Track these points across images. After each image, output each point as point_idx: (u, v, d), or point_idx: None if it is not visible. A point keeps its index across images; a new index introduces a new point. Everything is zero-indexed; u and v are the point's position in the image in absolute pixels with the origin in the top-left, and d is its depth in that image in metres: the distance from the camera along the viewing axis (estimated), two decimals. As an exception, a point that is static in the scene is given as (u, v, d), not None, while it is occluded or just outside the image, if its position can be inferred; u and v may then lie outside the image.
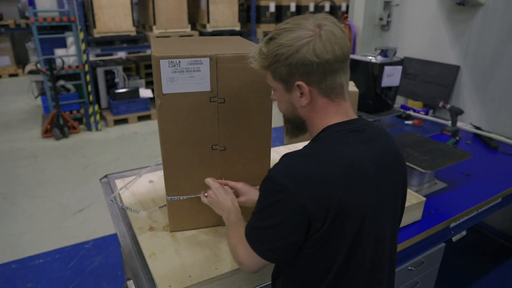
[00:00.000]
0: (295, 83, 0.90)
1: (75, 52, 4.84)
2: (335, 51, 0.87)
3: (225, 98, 1.17)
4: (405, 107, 2.90)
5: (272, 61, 0.90)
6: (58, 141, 4.75)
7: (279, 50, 0.88)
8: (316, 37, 0.86)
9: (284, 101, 0.98)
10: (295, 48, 0.86)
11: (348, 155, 0.89)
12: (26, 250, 2.78)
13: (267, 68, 0.93)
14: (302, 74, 0.89)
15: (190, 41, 1.42)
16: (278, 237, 0.88)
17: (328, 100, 0.93)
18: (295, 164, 0.88)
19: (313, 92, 0.91)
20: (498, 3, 2.35)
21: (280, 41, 0.88)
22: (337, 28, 0.89)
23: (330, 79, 0.90)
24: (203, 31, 5.61)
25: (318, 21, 0.88)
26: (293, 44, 0.86)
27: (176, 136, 1.18)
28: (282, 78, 0.92)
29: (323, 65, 0.87)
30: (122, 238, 1.36)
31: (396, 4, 3.00)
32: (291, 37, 0.87)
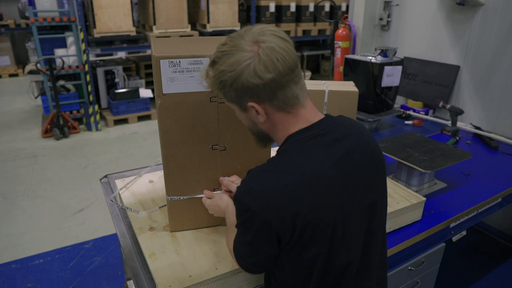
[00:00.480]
0: (247, 104, 0.90)
1: (75, 52, 4.84)
2: (278, 68, 0.84)
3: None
4: (405, 107, 2.90)
5: (219, 86, 0.90)
6: (58, 141, 4.75)
7: (222, 76, 0.87)
8: (255, 57, 0.83)
9: (244, 119, 0.98)
10: (236, 74, 0.85)
11: (308, 165, 0.88)
12: (26, 250, 2.78)
13: (218, 91, 0.93)
14: (251, 96, 0.88)
15: (190, 41, 1.42)
16: (254, 252, 0.93)
17: (285, 113, 0.92)
18: (257, 183, 0.88)
19: (267, 109, 0.90)
20: (498, 3, 2.35)
21: (221, 67, 0.86)
22: (277, 40, 0.86)
23: (281, 94, 0.88)
24: (203, 31, 5.61)
25: (255, 37, 0.85)
26: (234, 69, 0.85)
27: (176, 136, 1.18)
28: (234, 101, 0.92)
29: (269, 84, 0.85)
30: (122, 238, 1.36)
31: (396, 4, 3.00)
32: (230, 62, 0.85)
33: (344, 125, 0.97)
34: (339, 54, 3.09)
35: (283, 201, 0.84)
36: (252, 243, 0.91)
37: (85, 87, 4.91)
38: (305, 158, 0.88)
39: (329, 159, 0.89)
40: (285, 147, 0.93)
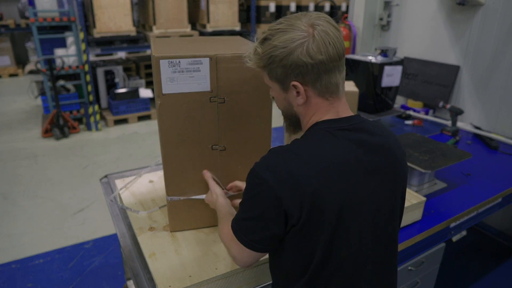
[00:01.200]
0: (291, 83, 0.91)
1: (75, 52, 4.84)
2: (329, 51, 0.87)
3: (225, 98, 1.17)
4: (405, 107, 2.90)
5: (267, 62, 0.91)
6: (58, 141, 4.75)
7: (274, 51, 0.89)
8: (310, 38, 0.86)
9: (281, 99, 0.99)
10: (289, 50, 0.87)
11: (328, 152, 0.90)
12: (26, 250, 2.78)
13: (263, 68, 0.94)
14: (297, 75, 0.89)
15: (190, 41, 1.42)
16: (260, 228, 0.92)
17: (323, 99, 0.94)
18: (277, 160, 0.90)
19: (309, 92, 0.92)
20: (498, 3, 2.35)
21: (274, 43, 0.88)
22: (331, 27, 0.89)
23: (325, 79, 0.90)
24: (203, 31, 5.62)
25: (311, 20, 0.88)
26: (287, 45, 0.87)
27: (176, 136, 1.18)
28: (278, 78, 0.93)
29: (317, 66, 0.87)
30: (122, 238, 1.36)
31: (396, 4, 3.00)
32: (285, 38, 0.87)
33: (374, 127, 0.98)
34: (339, 54, 3.09)
35: (297, 182, 0.85)
36: (259, 218, 0.91)
37: (85, 87, 4.91)
38: (327, 146, 0.90)
39: (350, 153, 0.91)
40: (310, 132, 0.95)
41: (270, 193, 0.87)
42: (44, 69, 4.57)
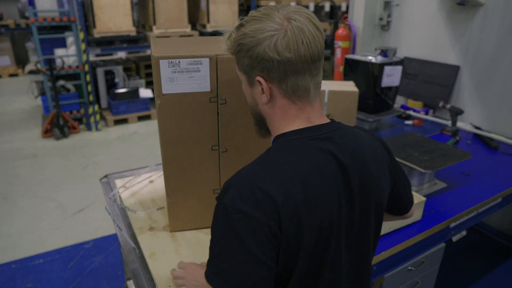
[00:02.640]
0: (255, 78, 0.84)
1: (75, 52, 4.84)
2: (300, 51, 0.79)
3: (226, 99, 1.17)
4: (405, 107, 2.90)
5: (235, 49, 0.85)
6: (58, 141, 4.75)
7: (242, 39, 0.82)
8: (281, 31, 0.78)
9: (247, 94, 0.92)
10: (256, 40, 0.80)
11: (302, 168, 0.79)
12: (26, 250, 2.78)
13: (233, 55, 0.88)
14: (262, 70, 0.82)
15: (190, 41, 1.42)
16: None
17: (289, 102, 0.85)
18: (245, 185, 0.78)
19: (273, 91, 0.84)
20: (498, 3, 2.35)
21: (245, 30, 0.82)
22: (310, 24, 0.80)
23: (292, 80, 0.82)
24: (203, 31, 5.62)
25: (289, 13, 0.80)
26: (256, 35, 0.80)
27: (176, 136, 1.18)
28: (244, 70, 0.86)
29: (284, 64, 0.79)
30: (122, 238, 1.36)
31: (396, 4, 3.00)
32: (256, 27, 0.80)
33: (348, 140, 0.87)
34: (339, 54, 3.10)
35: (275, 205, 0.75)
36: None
37: (85, 87, 4.91)
38: (300, 160, 0.81)
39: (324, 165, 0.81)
40: (279, 144, 0.85)
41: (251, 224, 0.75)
42: (44, 69, 4.57)
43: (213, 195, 1.29)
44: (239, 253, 0.76)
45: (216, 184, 1.28)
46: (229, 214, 0.76)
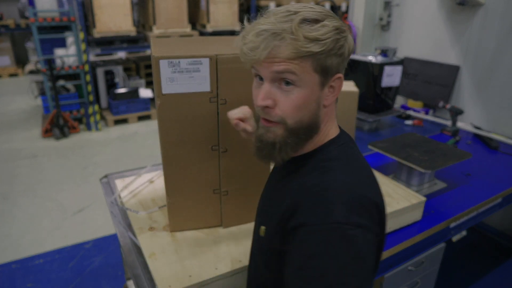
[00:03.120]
0: (336, 76, 0.78)
1: (75, 52, 4.84)
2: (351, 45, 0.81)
3: (226, 99, 1.17)
4: (405, 107, 2.90)
5: (326, 47, 0.72)
6: (58, 141, 4.75)
7: (335, 35, 0.73)
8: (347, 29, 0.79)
9: (310, 101, 0.77)
10: (345, 36, 0.76)
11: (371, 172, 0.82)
12: (26, 250, 2.78)
13: (310, 55, 0.72)
14: (343, 66, 0.79)
15: (190, 41, 1.42)
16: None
17: (334, 102, 0.84)
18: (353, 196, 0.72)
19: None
20: (498, 3, 2.35)
21: (335, 23, 0.74)
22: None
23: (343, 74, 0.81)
24: (203, 31, 5.61)
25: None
26: (345, 31, 0.76)
27: (176, 136, 1.18)
28: (326, 70, 0.75)
29: (346, 59, 0.80)
30: (122, 238, 1.36)
31: (396, 4, 3.00)
32: (339, 24, 0.75)
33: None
34: (339, 54, 3.09)
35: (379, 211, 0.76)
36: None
37: (85, 87, 4.91)
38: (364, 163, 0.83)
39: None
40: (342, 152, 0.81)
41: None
42: (44, 69, 4.57)
43: (213, 195, 1.29)
44: (362, 271, 0.66)
45: (216, 184, 1.28)
46: (346, 231, 0.66)
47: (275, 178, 0.96)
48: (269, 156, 0.82)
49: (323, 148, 0.82)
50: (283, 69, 0.73)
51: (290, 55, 0.71)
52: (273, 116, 0.78)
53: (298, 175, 0.82)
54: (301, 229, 0.70)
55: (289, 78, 0.74)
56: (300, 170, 0.82)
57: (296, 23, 0.70)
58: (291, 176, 0.84)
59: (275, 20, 0.72)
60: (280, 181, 0.90)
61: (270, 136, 0.80)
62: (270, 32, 0.71)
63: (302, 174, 0.81)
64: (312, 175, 0.78)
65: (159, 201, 1.50)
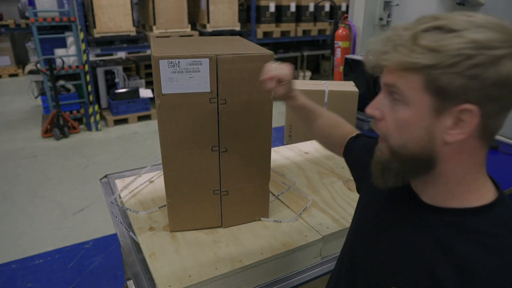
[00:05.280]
0: (461, 105, 0.58)
1: (75, 52, 4.84)
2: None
3: (226, 99, 1.17)
4: (405, 107, 2.90)
5: (443, 62, 0.57)
6: (58, 141, 4.75)
7: (466, 49, 0.56)
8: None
9: (416, 126, 0.63)
10: (494, 57, 0.55)
11: None
12: (26, 250, 2.78)
13: (421, 69, 0.59)
14: (482, 97, 0.57)
15: (190, 41, 1.42)
16: None
17: (481, 145, 0.63)
18: None
19: (477, 126, 0.60)
20: (498, 3, 2.35)
21: (471, 36, 0.56)
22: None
23: (503, 118, 0.62)
24: (203, 31, 5.62)
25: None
26: (495, 47, 0.55)
27: (176, 136, 1.18)
28: (444, 92, 0.59)
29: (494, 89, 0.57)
30: (122, 238, 1.36)
31: (396, 4, 3.00)
32: (493, 37, 0.56)
33: None
34: (339, 54, 3.09)
35: None
36: None
37: (85, 87, 4.91)
38: None
39: None
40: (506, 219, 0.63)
41: None
42: (44, 69, 4.57)
43: (213, 195, 1.29)
44: None
45: (216, 185, 1.28)
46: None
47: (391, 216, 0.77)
48: (374, 176, 0.73)
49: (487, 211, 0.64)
50: (387, 81, 0.65)
51: (395, 66, 0.62)
52: (379, 129, 0.69)
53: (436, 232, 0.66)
54: None
55: (395, 91, 0.64)
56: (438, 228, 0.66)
57: (421, 29, 0.60)
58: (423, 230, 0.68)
59: (410, 25, 0.63)
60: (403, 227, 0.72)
61: (378, 154, 0.71)
62: (389, 38, 0.63)
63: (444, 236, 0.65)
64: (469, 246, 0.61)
65: (159, 201, 1.50)
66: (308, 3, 6.33)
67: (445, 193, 0.66)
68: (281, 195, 1.52)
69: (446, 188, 0.66)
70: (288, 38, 6.47)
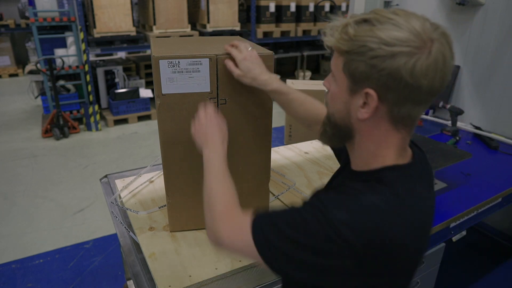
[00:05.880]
0: (365, 89, 0.70)
1: (75, 52, 4.84)
2: (435, 81, 0.68)
3: (226, 99, 1.17)
4: (405, 107, 2.90)
5: (354, 50, 0.69)
6: (58, 141, 4.75)
7: (371, 42, 0.67)
8: (424, 53, 0.66)
9: (339, 100, 0.77)
10: (390, 52, 0.66)
11: (420, 215, 0.74)
12: (26, 250, 2.78)
13: (342, 53, 0.72)
14: (380, 85, 0.69)
15: (190, 41, 1.42)
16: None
17: (393, 128, 0.74)
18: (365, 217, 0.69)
19: (380, 111, 0.72)
20: (498, 3, 2.34)
21: (378, 33, 0.67)
22: (449, 52, 0.70)
23: (408, 108, 0.71)
24: (203, 31, 5.61)
25: (431, 32, 0.68)
26: (393, 45, 0.66)
27: (176, 136, 1.18)
28: (353, 75, 0.71)
29: (410, 89, 0.68)
30: (122, 238, 1.36)
31: (396, 4, 3.00)
32: (395, 36, 0.66)
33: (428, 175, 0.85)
34: (339, 54, 3.09)
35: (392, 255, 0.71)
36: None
37: (85, 87, 4.91)
38: (417, 205, 0.74)
39: (430, 208, 0.79)
40: (392, 179, 0.74)
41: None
42: (44, 69, 4.57)
43: (213, 195, 1.29)
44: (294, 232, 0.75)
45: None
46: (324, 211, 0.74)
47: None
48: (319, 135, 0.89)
49: (377, 171, 0.77)
50: (331, 61, 0.78)
51: (329, 48, 0.75)
52: (326, 99, 0.85)
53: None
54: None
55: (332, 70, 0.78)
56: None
57: (353, 20, 0.71)
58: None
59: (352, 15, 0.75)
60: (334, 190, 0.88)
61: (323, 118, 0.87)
62: (334, 24, 0.74)
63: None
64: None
65: (159, 201, 1.50)
66: (308, 3, 6.32)
67: (360, 162, 0.81)
68: (281, 195, 1.52)
69: (361, 158, 0.80)
70: (288, 38, 6.47)
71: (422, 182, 0.78)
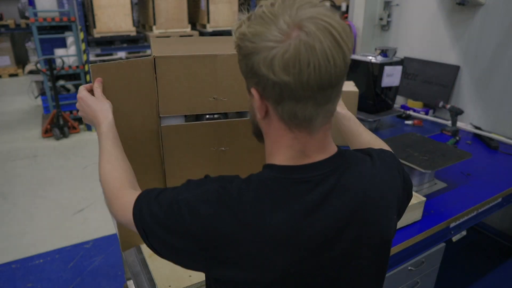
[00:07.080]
0: (250, 88, 0.69)
1: (75, 52, 4.84)
2: (302, 75, 0.60)
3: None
4: (405, 107, 2.90)
5: (236, 49, 0.69)
6: (58, 141, 4.75)
7: (241, 41, 0.66)
8: (283, 45, 0.60)
9: (249, 100, 0.76)
10: (254, 48, 0.63)
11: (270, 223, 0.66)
12: (26, 250, 2.78)
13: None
14: (256, 83, 0.66)
15: (190, 41, 1.43)
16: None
17: (285, 127, 0.68)
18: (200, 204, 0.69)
19: (269, 109, 0.69)
20: (498, 3, 2.35)
21: (246, 30, 0.64)
22: (328, 39, 0.60)
23: (289, 106, 0.64)
24: (203, 31, 5.62)
25: (302, 20, 0.60)
26: (255, 41, 0.62)
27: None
28: (243, 74, 0.71)
29: (280, 86, 0.62)
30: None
31: (396, 4, 3.00)
32: (257, 31, 0.62)
33: (351, 184, 0.71)
34: (339, 54, 3.08)
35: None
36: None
37: (85, 87, 4.90)
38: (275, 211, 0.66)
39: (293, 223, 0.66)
40: (260, 181, 0.69)
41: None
42: (44, 69, 4.57)
43: (213, 195, 1.29)
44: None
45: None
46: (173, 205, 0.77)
47: None
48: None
49: (263, 168, 0.74)
50: None
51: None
52: None
53: None
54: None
55: None
56: None
57: (251, 14, 0.67)
58: None
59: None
60: None
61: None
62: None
63: None
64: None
65: (159, 201, 1.49)
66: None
67: (267, 157, 0.76)
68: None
69: (266, 156, 0.76)
70: (288, 38, 6.46)
71: (290, 191, 0.68)
